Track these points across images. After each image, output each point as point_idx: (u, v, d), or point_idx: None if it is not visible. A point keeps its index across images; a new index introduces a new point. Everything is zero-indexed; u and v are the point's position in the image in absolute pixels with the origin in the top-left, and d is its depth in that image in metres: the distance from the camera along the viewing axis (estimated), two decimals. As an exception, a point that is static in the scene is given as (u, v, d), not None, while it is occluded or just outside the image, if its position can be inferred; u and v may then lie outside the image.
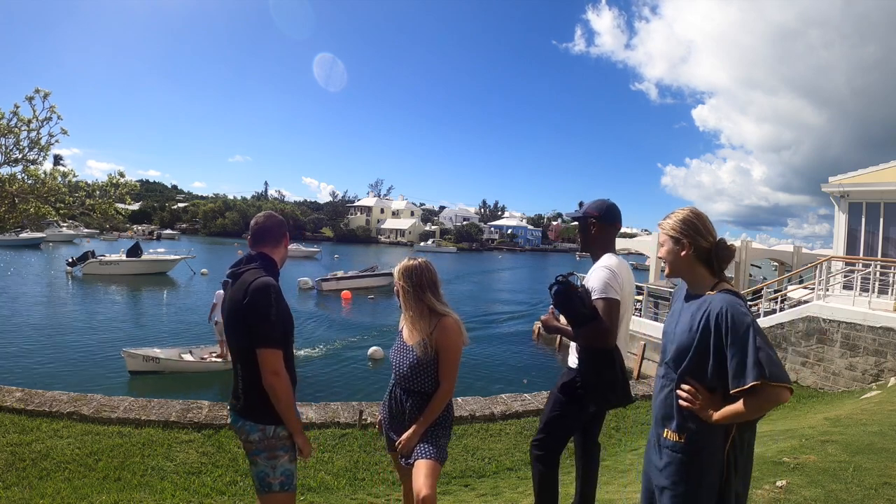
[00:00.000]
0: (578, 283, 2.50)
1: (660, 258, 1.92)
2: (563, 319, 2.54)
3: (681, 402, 1.71)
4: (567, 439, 2.71)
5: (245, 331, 2.10)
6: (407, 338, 2.54)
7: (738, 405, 1.60)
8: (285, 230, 2.41)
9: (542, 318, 2.70)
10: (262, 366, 2.06)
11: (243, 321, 2.09)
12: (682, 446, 1.72)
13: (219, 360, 11.02)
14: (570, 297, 2.37)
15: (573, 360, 2.64)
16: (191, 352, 11.50)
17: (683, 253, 1.81)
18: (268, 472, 2.14)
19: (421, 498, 2.24)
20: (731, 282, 1.84)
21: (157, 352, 11.12)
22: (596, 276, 2.50)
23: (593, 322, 2.37)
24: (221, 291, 10.15)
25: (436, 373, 2.47)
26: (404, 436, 2.45)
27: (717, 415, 1.65)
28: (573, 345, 2.65)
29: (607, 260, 2.57)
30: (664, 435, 1.78)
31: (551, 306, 2.51)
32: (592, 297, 2.43)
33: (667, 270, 1.89)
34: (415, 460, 2.39)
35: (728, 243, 1.81)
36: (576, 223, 2.81)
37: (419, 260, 2.62)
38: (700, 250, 1.80)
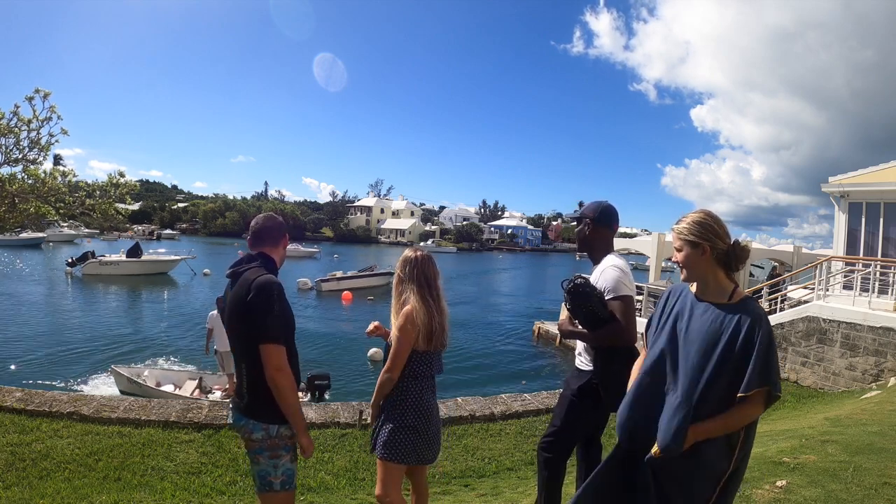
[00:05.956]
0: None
1: (675, 262, 1.89)
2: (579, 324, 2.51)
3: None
4: (576, 442, 2.68)
5: (248, 328, 2.10)
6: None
7: (725, 416, 1.64)
8: (285, 231, 2.45)
9: (559, 321, 2.68)
10: (266, 361, 2.06)
11: (247, 318, 2.09)
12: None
13: (222, 395, 8.79)
14: (590, 297, 2.34)
15: (582, 362, 2.62)
16: (201, 379, 9.24)
17: (703, 256, 1.79)
18: (269, 471, 2.15)
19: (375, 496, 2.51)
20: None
21: (146, 374, 9.38)
22: (607, 276, 2.48)
23: (612, 323, 2.35)
24: (216, 312, 8.16)
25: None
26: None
27: (702, 428, 1.67)
28: (581, 346, 2.63)
29: (613, 259, 2.56)
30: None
31: (568, 311, 2.48)
32: (607, 298, 2.41)
33: (685, 275, 1.86)
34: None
35: (743, 244, 1.80)
36: (574, 224, 2.82)
37: (419, 253, 2.60)
38: (718, 253, 1.79)
